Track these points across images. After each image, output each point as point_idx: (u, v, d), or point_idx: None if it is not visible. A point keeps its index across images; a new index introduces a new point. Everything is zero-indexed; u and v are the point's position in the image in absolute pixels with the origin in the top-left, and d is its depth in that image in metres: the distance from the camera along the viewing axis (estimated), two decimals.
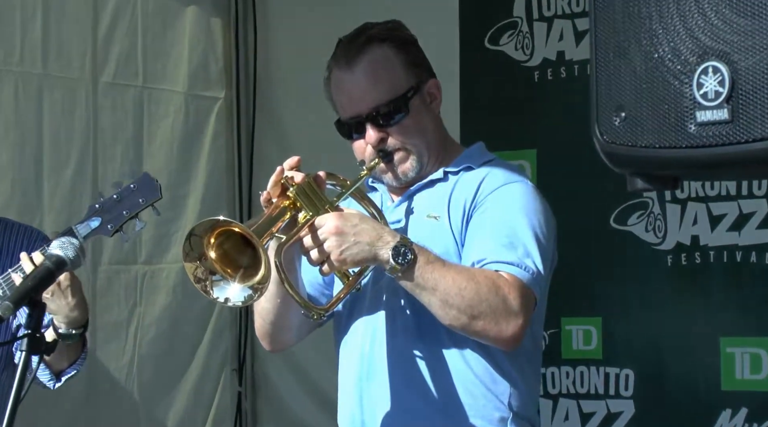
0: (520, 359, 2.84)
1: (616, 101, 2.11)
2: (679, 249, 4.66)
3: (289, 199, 2.72)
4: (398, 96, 2.87)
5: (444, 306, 2.66)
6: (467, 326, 2.67)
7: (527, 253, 2.74)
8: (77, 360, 3.52)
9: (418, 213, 2.91)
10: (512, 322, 2.67)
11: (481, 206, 2.82)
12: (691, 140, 2.02)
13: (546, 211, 2.86)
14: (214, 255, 2.64)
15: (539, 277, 2.75)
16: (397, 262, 2.64)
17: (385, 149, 2.88)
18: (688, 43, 2.03)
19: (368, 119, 2.87)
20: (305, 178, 2.73)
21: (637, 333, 4.72)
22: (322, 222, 2.67)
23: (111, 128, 5.17)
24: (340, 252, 2.65)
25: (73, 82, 5.04)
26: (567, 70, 4.88)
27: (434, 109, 2.95)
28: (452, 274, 2.66)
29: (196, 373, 5.49)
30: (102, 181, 5.11)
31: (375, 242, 2.65)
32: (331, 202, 2.75)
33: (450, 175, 2.92)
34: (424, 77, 2.94)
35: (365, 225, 2.67)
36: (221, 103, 5.61)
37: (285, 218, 2.72)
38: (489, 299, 2.65)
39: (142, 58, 5.28)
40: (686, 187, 4.63)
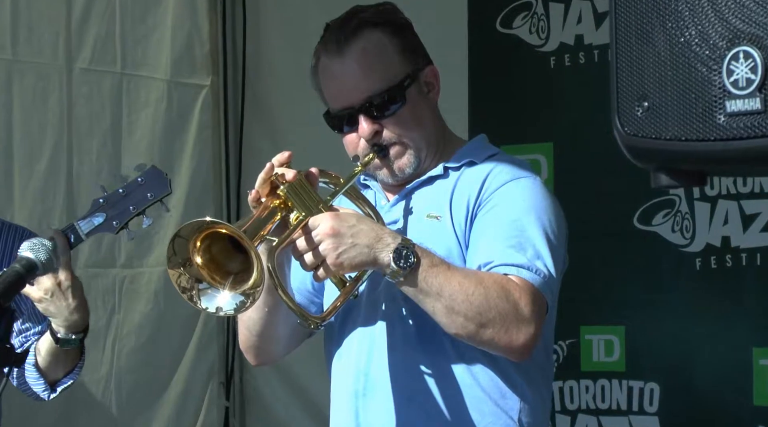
0: (532, 370, 2.84)
1: (638, 90, 2.10)
2: (708, 251, 4.67)
3: (280, 199, 2.72)
4: (394, 85, 2.86)
5: (450, 313, 2.65)
6: (475, 334, 2.67)
7: (537, 254, 2.74)
8: (74, 369, 3.56)
9: (417, 213, 2.90)
10: (524, 330, 2.66)
11: (486, 204, 2.82)
12: (720, 132, 2.01)
13: (556, 209, 2.85)
14: (200, 260, 2.63)
15: (551, 280, 2.74)
16: (399, 265, 2.62)
17: (380, 143, 2.88)
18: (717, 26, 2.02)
19: (361, 111, 2.86)
20: (297, 176, 2.73)
21: (662, 343, 4.73)
22: (316, 223, 2.65)
23: (87, 119, 5.19)
24: (337, 255, 2.63)
25: (45, 69, 5.06)
26: (586, 55, 4.89)
27: (432, 99, 2.95)
28: (458, 278, 2.65)
29: (179, 386, 5.51)
30: (77, 175, 5.13)
31: (374, 244, 2.64)
32: (325, 202, 2.74)
33: (451, 171, 2.92)
34: (421, 64, 2.93)
35: (363, 226, 2.66)
36: (207, 91, 5.64)
37: (275, 219, 2.71)
38: (499, 305, 2.65)
39: (121, 43, 5.30)
40: (716, 184, 4.64)
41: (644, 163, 2.14)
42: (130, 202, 3.43)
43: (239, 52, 5.69)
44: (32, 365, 3.53)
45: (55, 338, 3.40)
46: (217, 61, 5.68)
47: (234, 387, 5.69)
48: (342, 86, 2.89)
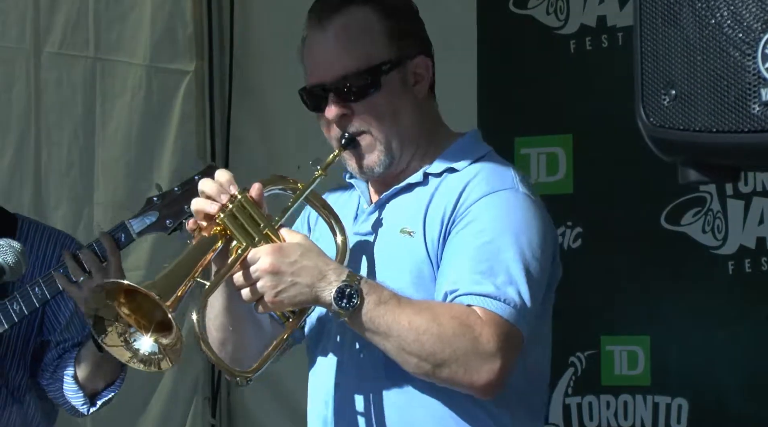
0: (512, 401, 2.87)
1: (665, 77, 2.12)
2: (742, 254, 4.70)
3: (220, 226, 2.79)
4: (370, 67, 2.89)
5: (401, 353, 2.71)
6: (432, 374, 2.72)
7: (510, 280, 2.76)
8: (115, 381, 3.72)
9: (391, 226, 2.93)
10: (486, 367, 2.70)
11: (461, 222, 2.84)
12: (754, 123, 2.03)
13: (540, 225, 2.85)
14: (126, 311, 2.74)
15: (524, 309, 2.75)
16: (341, 306, 2.70)
17: (349, 131, 2.90)
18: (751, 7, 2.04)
19: (331, 89, 2.90)
20: (235, 198, 2.78)
21: (691, 355, 4.75)
22: (255, 257, 2.74)
23: (56, 108, 5.21)
24: (275, 294, 2.72)
25: (10, 53, 5.08)
26: (609, 38, 4.91)
27: (417, 93, 2.96)
28: (409, 315, 2.70)
29: (161, 403, 5.53)
30: (46, 171, 5.15)
31: (316, 283, 2.72)
32: (271, 225, 2.79)
33: (431, 177, 2.94)
34: (411, 53, 2.95)
35: (306, 261, 2.73)
36: (190, 77, 5.64)
37: (216, 247, 2.79)
38: (454, 342, 2.69)
39: (94, 24, 5.31)
40: (750, 180, 4.67)
41: (671, 156, 2.16)
42: (186, 202, 3.50)
43: (226, 34, 5.70)
44: (71, 376, 3.69)
45: (98, 344, 3.49)
46: (201, 44, 5.68)
47: (221, 403, 5.71)
48: (318, 61, 2.93)
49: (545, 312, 2.94)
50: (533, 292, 2.77)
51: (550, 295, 2.93)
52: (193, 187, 3.47)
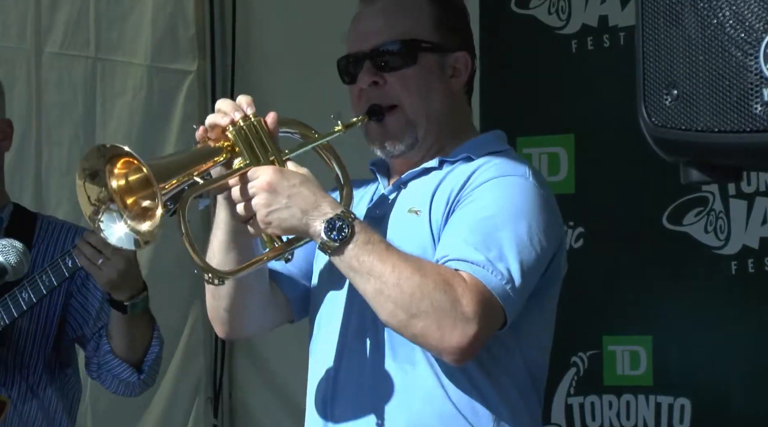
0: (510, 389, 2.87)
1: (666, 77, 2.13)
2: (745, 254, 4.71)
3: (229, 141, 2.77)
4: (408, 40, 2.92)
5: (378, 296, 2.70)
6: (404, 324, 2.70)
7: (501, 256, 2.74)
8: (152, 340, 3.83)
9: (401, 206, 2.95)
10: (459, 329, 2.67)
11: (466, 199, 2.85)
12: (756, 123, 2.04)
13: (546, 216, 2.85)
14: (115, 184, 2.68)
15: (512, 288, 2.74)
16: (330, 237, 2.68)
17: (377, 104, 2.92)
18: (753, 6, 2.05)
19: (367, 56, 2.93)
20: (249, 119, 2.78)
21: (694, 355, 4.76)
22: (255, 174, 2.73)
23: (57, 108, 5.22)
24: (267, 213, 2.71)
25: (11, 53, 5.09)
26: (611, 38, 4.93)
27: (452, 85, 2.98)
28: (394, 260, 2.69)
29: (162, 403, 5.53)
30: (47, 170, 5.16)
31: (310, 210, 2.70)
32: (279, 154, 2.78)
33: (446, 164, 2.96)
34: (453, 46, 2.97)
35: (304, 189, 2.72)
36: (192, 77, 5.66)
37: (219, 158, 2.77)
38: (434, 296, 2.67)
39: (95, 24, 5.31)
40: (753, 180, 4.68)
41: (673, 156, 2.17)
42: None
43: (228, 34, 5.72)
44: (109, 352, 3.80)
45: (122, 308, 3.65)
46: (203, 44, 5.70)
47: (223, 404, 5.72)
48: (360, 31, 2.97)
49: (547, 308, 2.93)
50: (524, 275, 2.75)
51: (553, 291, 2.92)
52: None
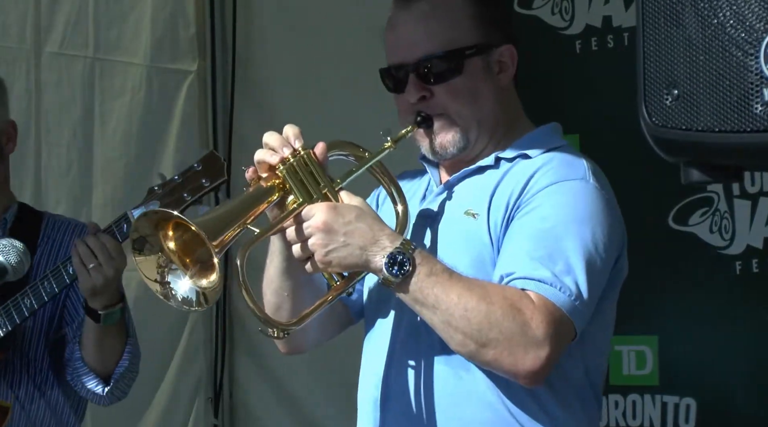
0: (567, 395, 2.86)
1: (667, 77, 2.15)
2: (749, 254, 4.71)
3: (279, 179, 2.78)
4: (453, 50, 2.89)
5: (447, 328, 2.69)
6: (476, 354, 2.70)
7: (568, 269, 2.71)
8: (123, 354, 3.81)
9: (457, 207, 2.92)
10: (531, 353, 2.65)
11: (526, 207, 2.80)
12: (757, 123, 2.05)
13: (609, 218, 2.82)
14: (172, 246, 2.71)
15: (579, 301, 2.71)
16: (391, 272, 2.68)
17: (425, 112, 2.90)
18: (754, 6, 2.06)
19: (413, 71, 2.90)
20: (298, 153, 2.78)
21: (699, 355, 4.78)
22: (309, 214, 2.72)
23: (56, 108, 5.24)
24: (325, 253, 2.71)
25: (11, 53, 5.11)
26: (615, 38, 4.94)
27: (501, 81, 2.95)
28: (459, 290, 2.67)
29: (162, 403, 5.56)
30: (46, 169, 5.17)
31: (368, 246, 2.70)
32: (331, 185, 2.78)
33: (503, 162, 2.92)
34: (497, 40, 2.94)
35: (361, 224, 2.71)
36: (193, 77, 5.68)
37: (272, 198, 2.78)
38: (503, 324, 2.65)
39: (94, 24, 5.34)
40: (758, 180, 4.69)
41: (674, 156, 2.19)
42: (186, 190, 3.60)
43: (228, 34, 5.73)
44: (80, 359, 3.78)
45: (96, 317, 3.64)
46: (204, 44, 5.72)
47: (223, 404, 5.74)
48: (399, 41, 2.93)
49: (608, 312, 2.90)
50: (591, 285, 2.73)
51: (615, 293, 2.90)
52: (192, 175, 3.61)
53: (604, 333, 2.92)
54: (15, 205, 4.01)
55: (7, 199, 4.01)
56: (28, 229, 3.88)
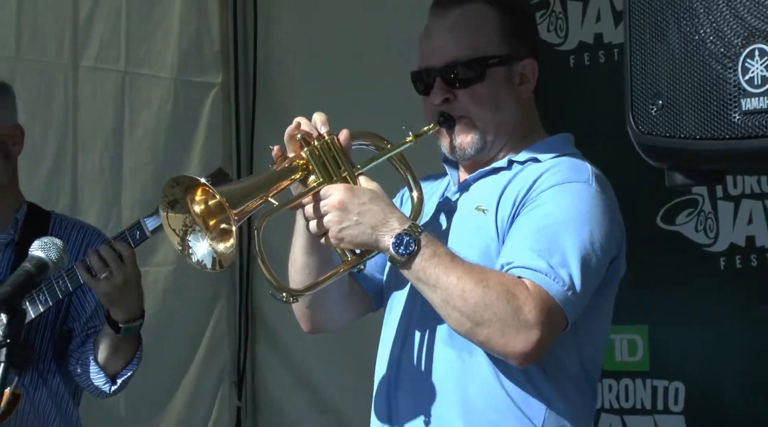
0: (562, 381, 2.86)
1: (652, 88, 2.16)
2: (733, 251, 4.71)
3: (303, 159, 2.80)
4: (478, 58, 2.90)
5: (445, 306, 2.70)
6: (471, 333, 2.70)
7: (564, 263, 2.72)
8: (132, 359, 3.79)
9: (470, 203, 2.93)
10: (522, 335, 2.66)
11: (531, 204, 2.81)
12: (735, 130, 2.07)
13: (608, 221, 2.82)
14: (198, 210, 2.73)
15: (573, 293, 2.71)
16: (397, 252, 2.70)
17: (448, 113, 2.92)
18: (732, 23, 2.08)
19: (440, 75, 2.91)
20: (323, 138, 2.80)
21: (687, 342, 4.78)
22: (328, 193, 2.75)
23: (90, 118, 5.25)
24: (339, 230, 2.73)
25: (50, 67, 5.12)
26: (605, 54, 4.95)
27: (521, 92, 2.96)
28: (459, 272, 2.68)
29: (190, 386, 5.58)
30: (81, 174, 5.19)
31: (379, 226, 2.72)
32: (351, 169, 2.80)
33: (515, 164, 2.93)
34: (521, 54, 2.95)
35: (373, 206, 2.73)
36: (217, 89, 5.70)
37: (295, 176, 2.80)
38: (497, 306, 2.65)
39: (125, 40, 5.36)
40: (740, 183, 4.68)
41: (659, 161, 2.20)
42: None
43: (250, 49, 5.73)
44: (92, 359, 3.77)
45: (116, 328, 3.63)
46: (227, 58, 5.72)
47: (246, 387, 5.75)
48: (432, 46, 2.94)
49: (605, 308, 2.91)
50: (585, 280, 2.73)
51: (611, 291, 2.90)
52: None
53: (600, 327, 2.93)
54: (24, 205, 3.98)
55: (16, 199, 3.97)
56: (37, 227, 3.85)
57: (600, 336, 2.94)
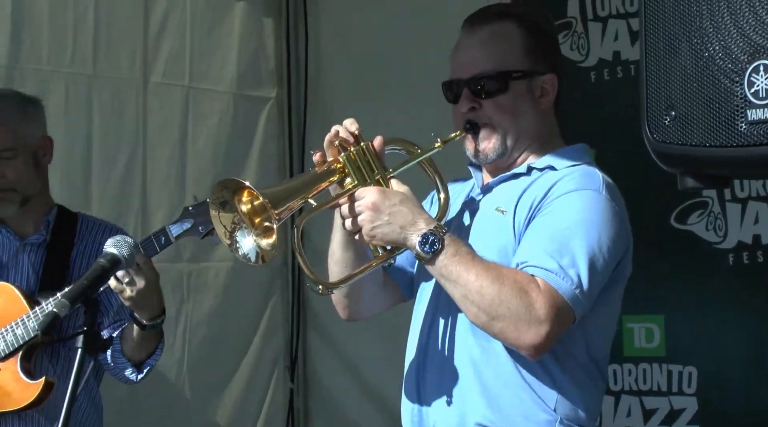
0: (573, 368, 2.85)
1: (666, 100, 2.17)
2: (740, 248, 4.69)
3: (341, 163, 2.80)
4: (502, 71, 2.89)
5: (464, 301, 2.71)
6: (486, 325, 2.70)
7: (573, 263, 2.71)
8: (155, 350, 3.76)
9: (491, 204, 2.92)
10: (533, 329, 2.66)
11: (545, 209, 2.80)
12: (741, 139, 2.07)
13: (615, 226, 2.80)
14: (245, 209, 2.73)
15: (581, 292, 2.71)
16: (423, 250, 2.71)
17: (474, 120, 2.92)
18: (739, 42, 2.08)
19: (467, 85, 2.91)
20: (358, 145, 2.80)
21: (699, 331, 4.76)
22: (361, 195, 2.76)
23: (158, 129, 5.26)
24: (371, 228, 2.74)
25: (122, 83, 5.14)
26: (623, 70, 4.92)
27: (541, 104, 2.94)
28: (478, 270, 2.68)
29: (248, 370, 5.59)
30: (150, 183, 5.21)
31: (407, 226, 2.73)
32: (384, 173, 2.81)
33: (534, 171, 2.91)
34: (542, 69, 2.93)
35: (403, 207, 2.74)
36: (272, 103, 5.69)
37: (332, 179, 2.80)
38: (511, 302, 2.66)
39: (190, 58, 5.36)
40: (746, 187, 4.66)
41: (672, 167, 2.20)
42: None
43: (302, 66, 5.74)
44: (118, 351, 3.73)
45: (141, 325, 3.59)
46: (282, 75, 5.72)
47: (298, 370, 5.77)
48: (461, 58, 2.95)
49: (612, 304, 2.89)
50: (592, 280, 2.72)
51: (618, 289, 2.88)
52: None
53: (607, 320, 2.92)
54: (55, 207, 3.95)
55: (47, 203, 3.93)
56: (66, 228, 3.85)
57: (607, 328, 2.93)
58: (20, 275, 3.80)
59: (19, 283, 3.77)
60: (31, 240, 3.84)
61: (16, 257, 3.82)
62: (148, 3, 5.19)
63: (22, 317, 3.66)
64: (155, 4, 5.23)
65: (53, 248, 3.82)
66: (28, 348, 3.67)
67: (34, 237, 3.85)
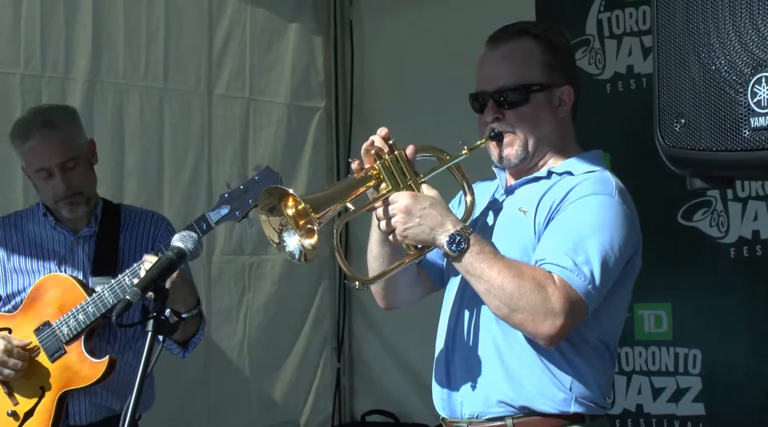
0: (587, 352, 2.84)
1: (676, 109, 2.15)
2: (741, 242, 4.65)
3: (376, 170, 2.79)
4: (523, 84, 2.86)
5: (487, 294, 2.69)
6: (507, 316, 2.68)
7: (587, 261, 2.69)
8: (198, 331, 3.76)
9: (513, 204, 2.90)
10: (549, 321, 2.64)
11: (563, 211, 2.77)
12: (745, 144, 2.05)
13: (626, 227, 2.77)
14: (291, 213, 2.71)
15: (594, 287, 2.69)
16: (450, 248, 2.69)
17: (498, 129, 2.90)
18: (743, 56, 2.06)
19: (491, 97, 2.89)
20: (391, 154, 2.79)
21: (703, 317, 4.73)
22: (395, 199, 2.74)
23: (222, 136, 5.29)
24: (404, 229, 2.72)
25: (189, 95, 5.17)
26: (636, 82, 4.89)
27: (559, 113, 2.92)
28: (500, 267, 2.67)
29: (301, 350, 5.61)
30: (215, 183, 5.23)
31: (436, 227, 2.71)
32: (415, 178, 2.79)
33: (554, 175, 2.89)
34: (559, 82, 2.91)
35: (433, 210, 2.72)
36: (321, 112, 5.71)
37: (369, 184, 2.79)
38: (530, 295, 2.64)
39: (250, 73, 5.39)
40: (747, 187, 4.62)
41: (681, 169, 2.18)
42: (249, 196, 3.57)
43: (348, 79, 5.75)
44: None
45: (180, 317, 3.57)
46: (330, 87, 5.74)
47: (344, 352, 5.77)
48: (485, 73, 2.92)
49: (622, 296, 2.86)
50: (604, 276, 2.70)
51: (628, 283, 2.85)
52: (253, 185, 3.56)
53: (618, 310, 2.89)
54: (101, 201, 3.93)
55: (95, 198, 3.90)
56: (111, 219, 3.83)
57: (617, 318, 2.89)
58: (77, 265, 3.80)
59: (76, 273, 3.78)
60: (83, 233, 3.84)
61: (71, 250, 3.82)
62: (212, 24, 5.23)
63: (81, 304, 3.66)
64: (219, 25, 5.26)
65: (102, 238, 3.82)
66: (89, 331, 3.68)
67: (85, 230, 3.85)
